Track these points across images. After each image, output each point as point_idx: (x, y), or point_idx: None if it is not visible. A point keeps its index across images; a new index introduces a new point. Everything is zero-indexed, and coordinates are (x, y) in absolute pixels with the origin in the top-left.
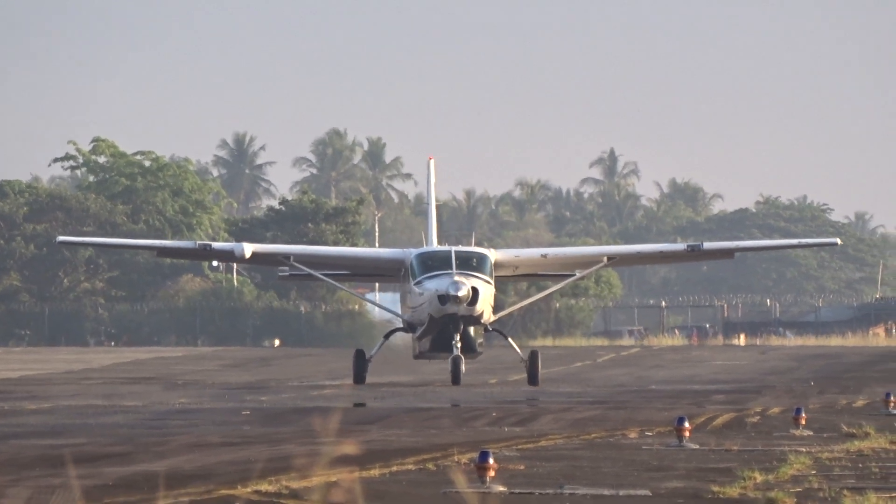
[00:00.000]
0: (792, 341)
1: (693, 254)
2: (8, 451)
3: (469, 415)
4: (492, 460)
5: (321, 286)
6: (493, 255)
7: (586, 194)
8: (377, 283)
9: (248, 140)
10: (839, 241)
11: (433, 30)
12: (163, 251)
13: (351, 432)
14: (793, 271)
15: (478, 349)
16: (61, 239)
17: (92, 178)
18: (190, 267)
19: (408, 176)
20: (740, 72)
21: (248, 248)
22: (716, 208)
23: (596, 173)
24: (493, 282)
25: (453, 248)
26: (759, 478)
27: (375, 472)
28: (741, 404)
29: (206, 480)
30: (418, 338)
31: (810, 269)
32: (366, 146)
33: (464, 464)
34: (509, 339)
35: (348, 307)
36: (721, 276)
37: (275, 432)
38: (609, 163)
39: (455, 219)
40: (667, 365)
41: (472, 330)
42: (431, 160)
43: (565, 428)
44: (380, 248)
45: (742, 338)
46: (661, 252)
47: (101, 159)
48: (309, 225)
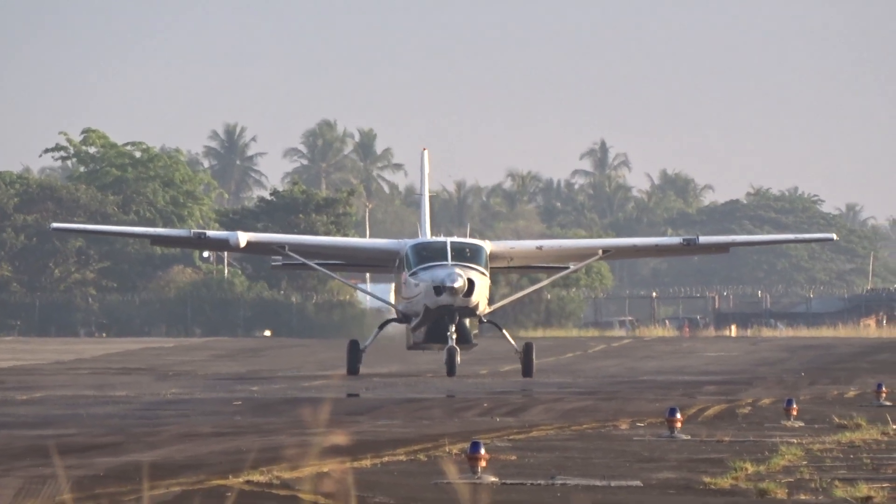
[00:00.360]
0: (783, 332)
1: (688, 248)
2: None
3: (460, 405)
4: (483, 451)
5: (312, 277)
6: (488, 246)
7: (577, 185)
8: (367, 274)
9: (238, 131)
10: (835, 237)
11: (424, 22)
12: (157, 239)
13: (342, 423)
14: (784, 262)
15: (473, 341)
16: (55, 226)
17: (82, 169)
18: (181, 258)
19: (398, 167)
20: (731, 63)
21: (244, 237)
22: (707, 200)
23: (587, 165)
24: (488, 273)
25: (449, 240)
26: (750, 469)
27: (367, 463)
28: (732, 395)
29: (198, 470)
30: (413, 328)
31: (801, 261)
32: (356, 137)
33: (455, 454)
34: (504, 331)
35: (339, 298)
36: (712, 268)
37: (266, 422)
38: (600, 154)
39: (446, 209)
40: (658, 356)
41: (467, 321)
42: (425, 151)
43: (557, 419)
44: (375, 239)
45: (733, 329)
46: (656, 245)
47: (92, 150)
48: (300, 216)
